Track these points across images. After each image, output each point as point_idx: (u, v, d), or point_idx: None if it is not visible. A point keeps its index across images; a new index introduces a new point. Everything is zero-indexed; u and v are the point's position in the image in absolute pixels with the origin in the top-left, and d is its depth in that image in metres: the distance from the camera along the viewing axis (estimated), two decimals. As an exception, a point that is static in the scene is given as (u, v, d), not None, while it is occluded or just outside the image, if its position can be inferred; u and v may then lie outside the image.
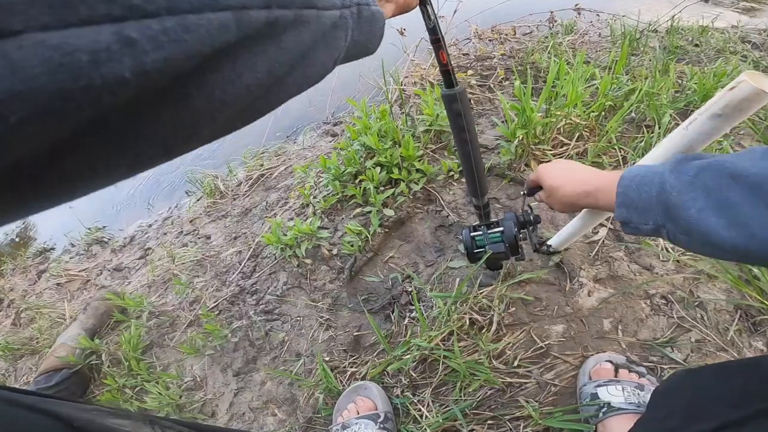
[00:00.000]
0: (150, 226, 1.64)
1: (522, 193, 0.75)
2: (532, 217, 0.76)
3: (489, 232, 0.78)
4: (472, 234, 0.79)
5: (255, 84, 0.23)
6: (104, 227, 1.75)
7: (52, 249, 1.78)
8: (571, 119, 1.08)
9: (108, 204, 1.85)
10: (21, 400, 0.42)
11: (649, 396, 0.67)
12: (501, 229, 0.77)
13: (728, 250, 0.37)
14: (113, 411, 0.52)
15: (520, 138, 1.07)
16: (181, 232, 1.48)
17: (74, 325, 1.24)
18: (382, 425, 0.77)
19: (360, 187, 1.17)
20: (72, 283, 1.51)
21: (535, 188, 0.69)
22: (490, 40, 1.72)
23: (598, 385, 0.70)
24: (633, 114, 1.14)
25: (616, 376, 0.71)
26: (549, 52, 1.47)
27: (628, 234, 0.48)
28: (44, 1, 0.14)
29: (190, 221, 1.50)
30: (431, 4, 0.59)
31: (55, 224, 1.86)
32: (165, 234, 1.53)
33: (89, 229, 1.72)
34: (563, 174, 0.59)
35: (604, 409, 0.67)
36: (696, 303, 0.81)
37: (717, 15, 1.87)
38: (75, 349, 1.15)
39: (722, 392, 0.44)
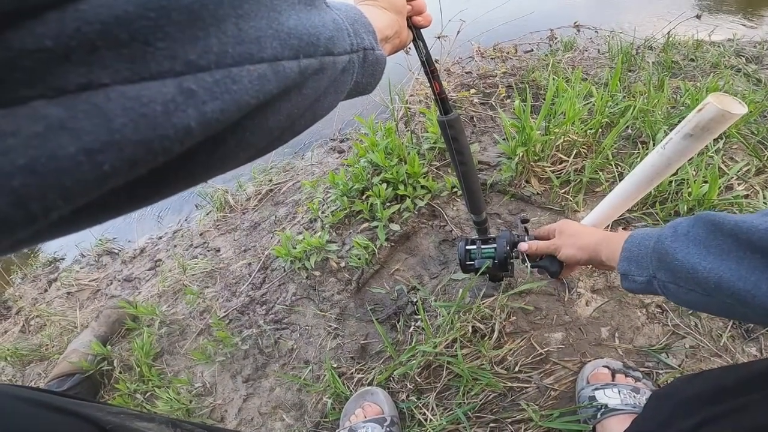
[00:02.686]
0: (160, 238, 1.71)
1: (524, 227, 0.85)
2: (525, 238, 0.82)
3: (483, 247, 0.85)
4: (467, 247, 0.86)
5: (276, 127, 0.26)
6: (114, 239, 1.82)
7: (62, 259, 1.85)
8: (569, 136, 1.16)
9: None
10: (53, 402, 0.46)
11: (644, 398, 0.72)
12: (494, 246, 0.83)
13: (712, 287, 0.40)
14: (138, 414, 0.56)
15: (521, 155, 1.14)
16: (191, 244, 1.55)
17: (86, 332, 1.29)
18: (388, 429, 0.82)
19: (367, 203, 1.24)
20: (82, 292, 1.58)
21: (544, 237, 0.77)
22: (492, 59, 1.81)
23: (596, 389, 0.75)
24: (629, 130, 1.22)
25: (613, 380, 0.77)
26: (549, 71, 1.55)
27: (626, 288, 0.53)
28: (129, 56, 0.16)
29: (200, 234, 1.57)
30: (422, 39, 0.65)
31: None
32: (175, 246, 1.60)
33: (99, 240, 1.80)
34: (583, 229, 0.69)
35: (602, 410, 0.72)
36: (690, 311, 0.87)
37: (713, 29, 1.97)
38: (87, 354, 1.21)
39: (707, 392, 0.50)
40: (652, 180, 0.63)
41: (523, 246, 0.76)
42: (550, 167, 1.16)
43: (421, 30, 0.64)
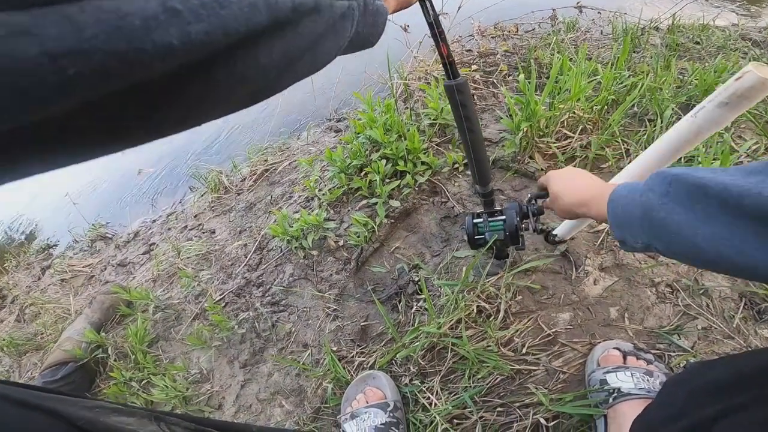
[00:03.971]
0: (154, 221, 1.64)
1: (530, 195, 0.76)
2: (535, 209, 0.76)
3: (491, 219, 0.80)
4: (474, 221, 0.81)
5: (271, 65, 0.25)
6: (107, 223, 1.75)
7: (56, 245, 1.77)
8: (574, 112, 1.09)
9: (111, 200, 1.85)
10: (17, 396, 0.41)
11: (658, 382, 0.68)
12: (503, 217, 0.78)
13: (711, 259, 0.37)
14: (117, 408, 0.52)
15: (525, 130, 1.08)
16: (186, 227, 1.48)
17: (80, 319, 1.23)
18: (391, 414, 0.77)
19: (366, 180, 1.17)
20: (76, 278, 1.51)
21: (544, 192, 0.70)
22: (492, 37, 1.72)
23: (607, 372, 0.70)
24: (635, 108, 1.15)
25: (624, 363, 0.72)
26: (552, 49, 1.48)
27: (628, 251, 0.50)
28: None
29: (195, 216, 1.50)
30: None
31: (59, 220, 1.86)
32: (169, 229, 1.53)
33: (93, 225, 1.72)
34: (565, 182, 0.62)
35: (614, 395, 0.67)
36: (701, 291, 0.82)
37: (718, 13, 1.89)
38: (81, 342, 1.15)
39: (725, 380, 0.45)
40: (679, 149, 0.57)
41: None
42: (554, 143, 1.09)
43: None
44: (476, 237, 0.79)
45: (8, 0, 0.14)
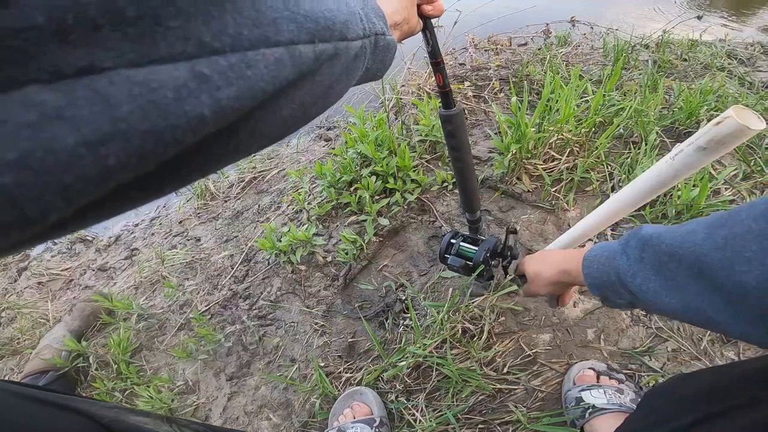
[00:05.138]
0: (137, 225, 1.66)
1: (511, 277, 0.86)
2: (509, 252, 0.84)
3: (463, 245, 0.86)
4: (451, 240, 0.87)
5: (290, 116, 0.25)
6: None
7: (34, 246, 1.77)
8: (563, 135, 1.16)
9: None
10: (50, 399, 0.45)
11: (628, 399, 0.75)
12: (476, 248, 0.84)
13: (691, 319, 0.41)
14: (132, 409, 0.56)
15: (514, 152, 1.15)
16: (170, 232, 1.51)
17: (59, 327, 1.25)
18: (377, 429, 0.83)
19: (355, 195, 1.22)
20: (54, 282, 1.53)
21: (521, 277, 0.77)
22: (486, 51, 1.79)
23: (582, 390, 0.78)
24: (621, 130, 1.23)
25: (598, 382, 0.79)
26: (545, 66, 1.55)
27: (611, 307, 0.53)
28: (136, 36, 0.14)
29: (180, 222, 1.53)
30: (431, 29, 0.65)
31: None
32: (153, 234, 1.56)
33: (72, 227, 1.73)
34: (539, 263, 0.68)
35: (589, 410, 0.74)
36: (673, 315, 0.90)
37: (705, 29, 1.99)
38: (61, 351, 1.17)
39: (704, 390, 0.51)
40: (656, 190, 0.63)
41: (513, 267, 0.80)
42: (542, 165, 1.16)
43: (431, 19, 0.63)
44: (445, 255, 0.86)
45: (34, 71, 0.12)
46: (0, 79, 0.11)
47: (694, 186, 0.98)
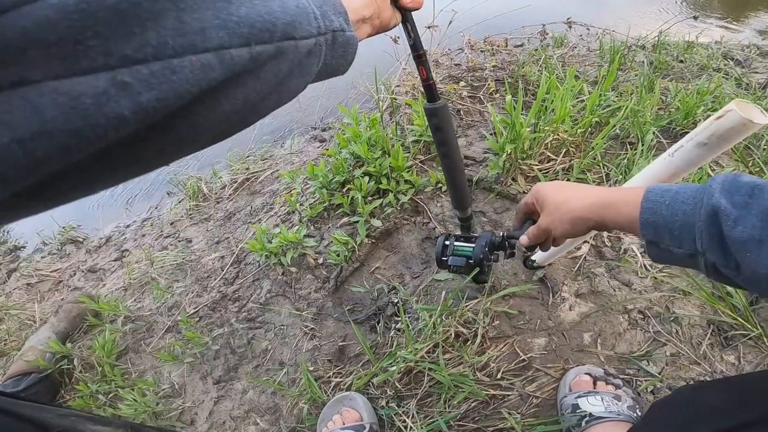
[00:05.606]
0: (128, 226, 1.64)
1: (504, 233, 0.76)
2: (507, 243, 0.79)
3: (458, 244, 0.83)
4: (445, 242, 0.84)
5: (233, 111, 0.27)
6: (79, 226, 1.73)
7: (23, 247, 1.75)
8: (558, 135, 1.14)
9: (84, 202, 1.83)
10: (6, 407, 0.43)
11: (625, 406, 0.72)
12: (472, 246, 0.81)
13: None
14: (93, 417, 0.53)
15: (509, 152, 1.12)
16: (161, 234, 1.49)
17: (44, 328, 1.23)
18: (366, 436, 0.80)
19: (348, 196, 1.20)
20: (43, 283, 1.50)
21: (528, 215, 0.67)
22: (482, 51, 1.78)
23: (578, 396, 0.75)
24: (617, 130, 1.21)
25: (594, 388, 0.76)
26: (540, 66, 1.53)
27: (652, 257, 0.44)
28: (58, 55, 0.17)
29: (171, 223, 1.51)
30: (412, 21, 0.62)
31: (27, 222, 1.83)
32: (143, 236, 1.53)
33: (63, 227, 1.70)
34: (569, 189, 0.55)
35: (586, 418, 0.72)
36: (671, 318, 0.87)
37: (702, 30, 1.98)
38: (45, 352, 1.14)
39: (716, 404, 0.49)
40: None
41: (524, 240, 0.65)
42: (537, 165, 1.14)
43: (412, 14, 0.61)
44: (443, 258, 0.83)
45: None
46: None
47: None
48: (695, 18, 2.14)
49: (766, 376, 0.49)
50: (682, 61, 1.61)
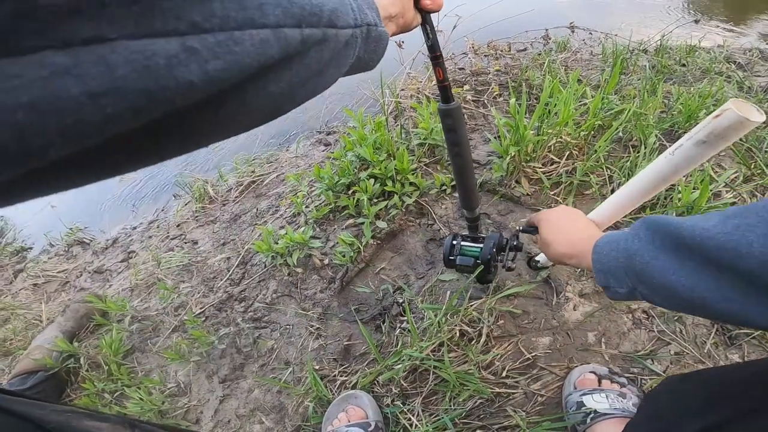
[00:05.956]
0: (134, 228, 1.65)
1: (518, 228, 0.80)
2: (515, 244, 0.82)
3: (466, 244, 0.85)
4: (453, 242, 0.86)
5: (279, 93, 0.27)
6: (86, 228, 1.75)
7: (30, 248, 1.76)
8: (561, 138, 1.16)
9: (92, 204, 1.85)
10: None
11: (630, 403, 0.73)
12: (480, 246, 0.83)
13: (698, 306, 0.39)
14: (90, 413, 0.52)
15: (512, 155, 1.14)
16: (168, 236, 1.50)
17: (51, 327, 1.24)
18: (371, 433, 0.81)
19: (353, 198, 1.21)
20: (50, 284, 1.51)
21: (532, 227, 0.74)
22: (485, 56, 1.80)
23: (583, 394, 0.76)
24: (620, 133, 1.22)
25: (599, 386, 0.77)
26: (543, 70, 1.55)
27: (610, 298, 0.52)
28: (133, 14, 0.17)
29: (177, 225, 1.52)
30: (431, 23, 0.64)
31: (35, 223, 1.85)
32: (150, 237, 1.55)
33: (70, 229, 1.72)
34: (556, 230, 0.65)
35: (591, 415, 0.72)
36: (675, 317, 0.88)
37: (704, 34, 2.00)
38: (52, 351, 1.15)
39: (711, 394, 0.50)
40: (656, 186, 0.62)
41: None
42: (541, 168, 1.15)
43: (431, 16, 0.63)
44: (450, 257, 0.85)
45: (50, 39, 0.15)
46: (21, 45, 0.14)
47: (694, 188, 0.97)
48: (696, 22, 2.17)
49: (754, 367, 0.50)
50: (684, 65, 1.63)
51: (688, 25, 2.15)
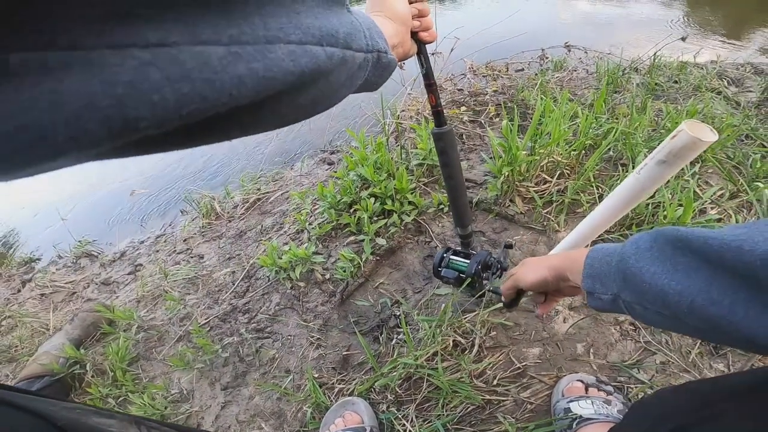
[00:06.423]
0: (142, 242, 1.73)
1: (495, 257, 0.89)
2: (500, 265, 0.89)
3: (454, 258, 0.92)
4: (443, 254, 0.93)
5: (303, 105, 0.31)
6: (94, 241, 1.83)
7: (38, 259, 1.85)
8: (553, 157, 1.23)
9: (100, 218, 1.94)
10: (8, 399, 0.44)
11: (615, 410, 0.78)
12: (467, 261, 0.90)
13: (684, 311, 0.39)
14: (97, 410, 0.55)
15: (506, 175, 1.21)
16: (174, 250, 1.58)
17: (59, 335, 1.30)
18: (367, 438, 0.85)
19: (354, 216, 1.29)
20: (57, 294, 1.58)
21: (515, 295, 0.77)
22: (484, 76, 1.90)
23: (570, 401, 0.81)
24: (611, 152, 1.30)
25: (586, 393, 0.82)
26: (537, 90, 1.64)
27: (592, 306, 0.53)
28: (187, 28, 0.21)
29: (184, 240, 1.60)
30: (425, 53, 0.72)
31: (45, 235, 1.94)
32: (157, 251, 1.63)
33: (79, 242, 1.81)
34: (536, 261, 0.68)
35: (576, 420, 0.77)
36: (661, 329, 0.93)
37: (699, 50, 2.09)
38: (59, 357, 1.21)
39: (685, 403, 0.54)
40: (628, 203, 0.69)
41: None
42: (534, 187, 1.23)
43: (426, 46, 0.70)
44: (438, 268, 0.92)
45: (135, 41, 0.19)
46: (117, 42, 0.18)
47: (680, 205, 1.03)
48: (683, 39, 2.27)
49: (733, 377, 0.53)
50: (676, 82, 1.71)
51: (680, 42, 2.24)
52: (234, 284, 1.33)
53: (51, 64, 0.17)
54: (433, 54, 1.98)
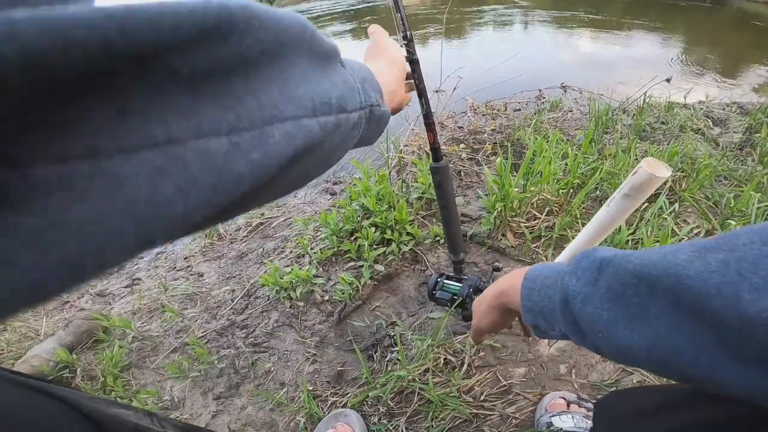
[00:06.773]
0: (141, 258, 1.81)
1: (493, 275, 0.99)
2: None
3: (447, 282, 1.03)
4: (437, 279, 1.04)
5: (296, 177, 0.32)
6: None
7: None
8: (543, 195, 1.37)
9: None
10: (37, 385, 0.47)
11: (594, 424, 0.86)
12: (459, 285, 1.01)
13: (654, 364, 0.34)
14: (113, 402, 0.61)
15: (499, 210, 1.34)
16: (174, 267, 1.66)
17: (51, 340, 1.35)
18: (358, 449, 0.91)
19: (355, 244, 1.41)
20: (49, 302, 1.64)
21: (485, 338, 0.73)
22: (483, 115, 2.08)
23: (553, 416, 0.89)
24: (597, 191, 1.44)
25: (568, 409, 0.90)
26: (530, 130, 1.81)
27: (538, 336, 0.48)
28: (190, 123, 0.21)
29: (185, 258, 1.69)
30: (426, 96, 0.82)
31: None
32: (156, 267, 1.71)
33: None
34: (481, 296, 0.63)
35: None
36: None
37: (690, 89, 2.26)
38: (49, 360, 1.26)
39: (644, 408, 0.59)
40: (600, 234, 0.79)
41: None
42: (524, 223, 1.35)
43: (426, 90, 0.79)
44: (432, 291, 1.02)
45: (146, 139, 0.19)
46: (130, 146, 0.18)
47: (656, 241, 1.16)
48: (668, 81, 2.49)
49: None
50: (664, 123, 1.88)
51: (667, 81, 2.44)
52: (233, 301, 1.41)
53: (74, 180, 0.16)
54: (436, 92, 2.18)
